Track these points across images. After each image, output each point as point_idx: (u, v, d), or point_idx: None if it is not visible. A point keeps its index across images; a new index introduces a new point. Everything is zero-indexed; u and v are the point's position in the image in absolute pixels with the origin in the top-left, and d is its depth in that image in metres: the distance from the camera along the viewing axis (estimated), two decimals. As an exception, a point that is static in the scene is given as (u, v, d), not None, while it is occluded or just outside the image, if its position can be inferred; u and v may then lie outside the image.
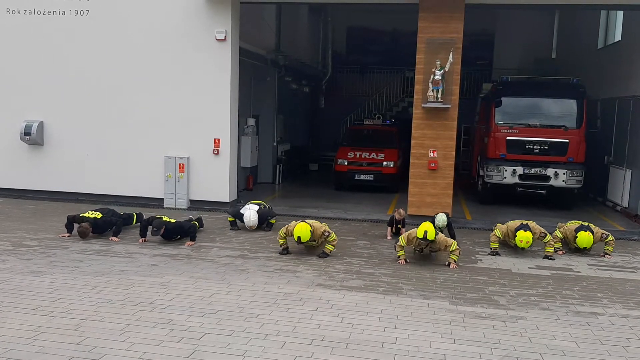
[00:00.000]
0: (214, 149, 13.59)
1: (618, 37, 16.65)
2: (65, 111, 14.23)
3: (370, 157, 17.55)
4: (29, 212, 12.86)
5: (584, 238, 10.13)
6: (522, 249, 10.09)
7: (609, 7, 15.24)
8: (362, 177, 17.36)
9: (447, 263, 9.34)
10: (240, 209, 11.66)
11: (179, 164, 13.61)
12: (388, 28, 26.39)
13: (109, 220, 10.70)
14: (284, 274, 8.63)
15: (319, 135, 24.68)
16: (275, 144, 18.78)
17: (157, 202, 13.67)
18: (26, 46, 14.24)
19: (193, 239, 10.38)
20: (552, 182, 14.52)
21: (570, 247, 10.66)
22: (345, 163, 17.50)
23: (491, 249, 10.32)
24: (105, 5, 13.80)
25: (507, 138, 14.75)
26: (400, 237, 9.62)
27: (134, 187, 13.92)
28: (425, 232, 9.13)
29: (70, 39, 14.01)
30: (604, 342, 6.42)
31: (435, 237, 9.18)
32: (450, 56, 12.34)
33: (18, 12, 14.19)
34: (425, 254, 9.84)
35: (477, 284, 8.47)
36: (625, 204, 14.73)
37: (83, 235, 10.31)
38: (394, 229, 11.38)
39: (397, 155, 17.80)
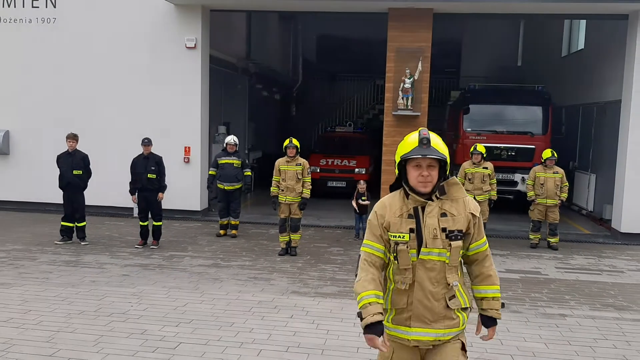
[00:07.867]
0: (184, 157, 13.53)
1: (581, 45, 17.09)
2: (31, 120, 14.00)
3: (342, 164, 17.66)
4: (-5, 223, 12.61)
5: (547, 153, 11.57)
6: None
7: (572, 16, 15.66)
8: (334, 183, 17.45)
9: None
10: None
11: (150, 173, 13.47)
12: (358, 36, 26.59)
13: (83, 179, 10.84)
14: (258, 282, 8.64)
15: (291, 143, 24.63)
16: (246, 151, 18.72)
17: (127, 212, 13.49)
18: (-9, 54, 14.01)
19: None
20: (519, 187, 14.81)
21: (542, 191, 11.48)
22: (318, 170, 17.56)
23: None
24: (73, 13, 13.66)
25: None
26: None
27: (103, 197, 13.67)
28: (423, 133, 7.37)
29: (37, 47, 13.81)
30: (572, 343, 6.59)
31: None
32: (420, 65, 12.54)
33: (-17, 19, 13.97)
34: None
35: (449, 288, 8.58)
36: (591, 207, 15.11)
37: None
38: (357, 202, 12.02)
39: (369, 162, 17.93)
